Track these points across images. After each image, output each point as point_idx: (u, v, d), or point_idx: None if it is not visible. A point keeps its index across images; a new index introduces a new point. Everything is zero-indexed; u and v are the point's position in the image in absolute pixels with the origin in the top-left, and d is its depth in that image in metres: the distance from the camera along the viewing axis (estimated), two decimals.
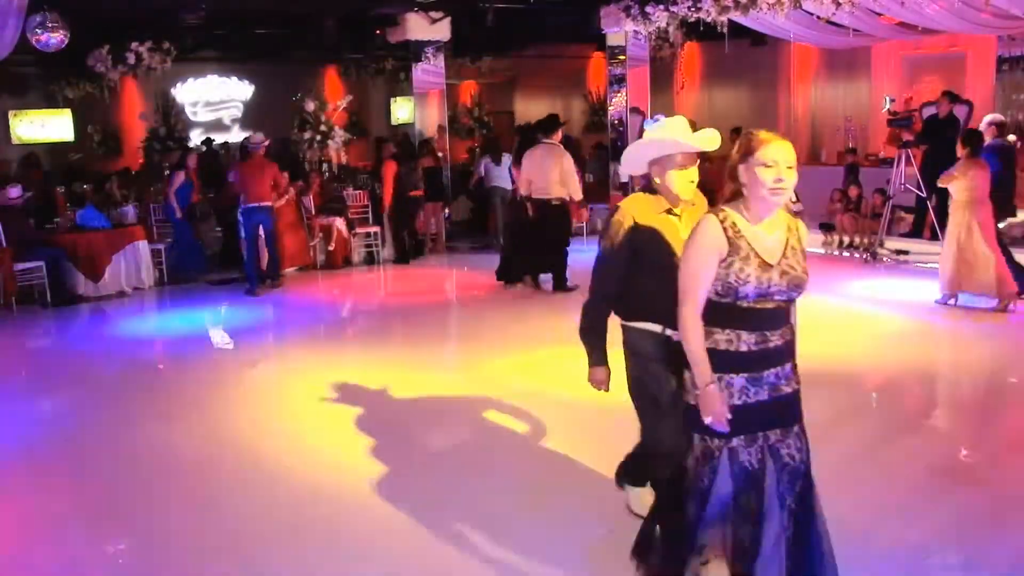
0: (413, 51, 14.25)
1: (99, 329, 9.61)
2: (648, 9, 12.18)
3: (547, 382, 6.91)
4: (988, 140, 9.15)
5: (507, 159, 13.74)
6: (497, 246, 13.41)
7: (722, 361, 3.06)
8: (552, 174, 9.60)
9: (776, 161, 2.98)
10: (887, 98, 12.86)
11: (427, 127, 14.64)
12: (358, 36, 15.34)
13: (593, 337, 3.96)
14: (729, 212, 3.09)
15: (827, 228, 12.06)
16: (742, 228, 3.06)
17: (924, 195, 10.87)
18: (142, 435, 6.02)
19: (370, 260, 12.63)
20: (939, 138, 11.14)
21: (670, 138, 3.68)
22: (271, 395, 6.93)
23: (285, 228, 11.68)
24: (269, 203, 10.88)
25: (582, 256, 10.65)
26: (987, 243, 8.34)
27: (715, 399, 3.05)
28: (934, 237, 10.79)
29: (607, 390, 3.97)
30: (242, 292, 10.77)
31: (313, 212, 12.11)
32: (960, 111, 11.79)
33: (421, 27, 13.91)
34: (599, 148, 15.86)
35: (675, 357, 3.37)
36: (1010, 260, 8.62)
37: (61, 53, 10.67)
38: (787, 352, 3.20)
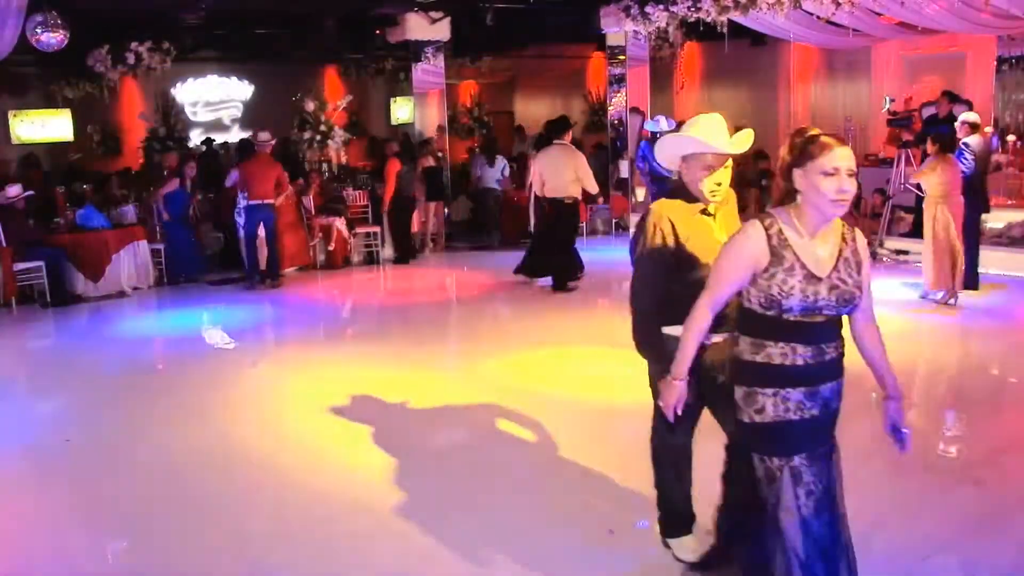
0: (413, 51, 14.25)
1: (99, 329, 9.60)
2: (648, 9, 12.18)
3: (548, 382, 6.92)
4: (962, 138, 9.34)
5: (501, 161, 13.82)
6: (496, 245, 13.46)
7: (778, 375, 2.92)
8: (566, 173, 9.81)
9: (838, 169, 2.78)
10: (887, 98, 12.87)
11: (427, 127, 14.64)
12: (358, 36, 15.34)
13: (652, 344, 3.70)
14: (777, 218, 2.91)
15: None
16: (790, 237, 2.88)
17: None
18: (142, 435, 6.02)
19: (370, 260, 12.63)
20: None
21: (700, 137, 3.53)
22: (271, 395, 6.92)
23: (285, 228, 11.70)
24: (272, 201, 10.99)
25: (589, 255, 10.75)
26: (956, 237, 8.55)
27: (677, 394, 3.17)
28: None
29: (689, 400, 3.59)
30: (242, 292, 10.77)
31: (313, 212, 12.11)
32: (960, 111, 11.78)
33: (421, 27, 13.91)
34: (599, 148, 15.85)
35: (705, 369, 3.31)
36: (974, 257, 8.88)
37: (61, 53, 10.66)
38: (840, 366, 3.07)
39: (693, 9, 11.33)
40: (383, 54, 16.65)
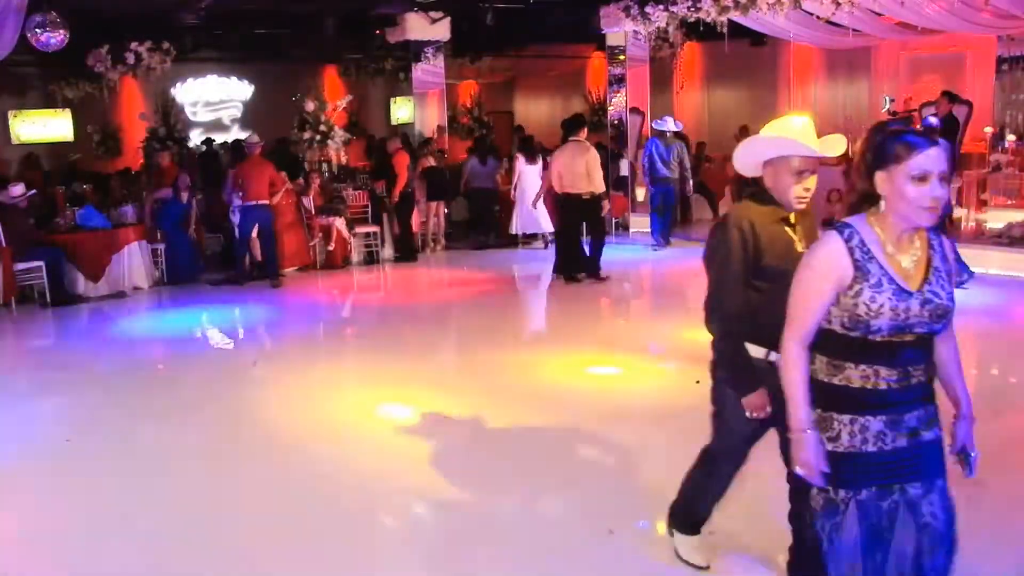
0: (413, 51, 14.26)
1: (99, 329, 9.60)
2: (648, 9, 12.19)
3: (548, 381, 6.92)
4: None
5: (492, 161, 13.90)
6: (492, 243, 13.49)
7: (857, 401, 2.64)
8: (580, 170, 10.13)
9: (928, 173, 2.49)
10: (886, 98, 12.87)
11: (427, 127, 14.64)
12: (358, 36, 15.34)
13: (733, 361, 3.45)
14: (856, 228, 2.61)
15: (827, 227, 12.04)
16: (873, 248, 2.58)
17: None
18: (142, 435, 6.02)
19: (370, 260, 12.63)
20: None
21: (788, 138, 3.25)
22: (271, 395, 6.92)
23: (285, 228, 11.71)
24: (267, 201, 11.11)
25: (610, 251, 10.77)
26: None
27: (810, 447, 2.66)
28: None
29: (768, 414, 3.39)
30: (240, 292, 10.79)
31: (313, 212, 12.11)
32: (960, 111, 11.80)
33: (421, 27, 13.91)
34: (598, 148, 15.83)
35: (777, 391, 2.99)
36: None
37: (61, 53, 10.67)
38: (930, 391, 2.75)
39: (693, 9, 11.34)
40: (383, 54, 16.66)
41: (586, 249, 10.71)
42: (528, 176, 12.87)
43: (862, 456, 2.65)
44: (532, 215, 12.74)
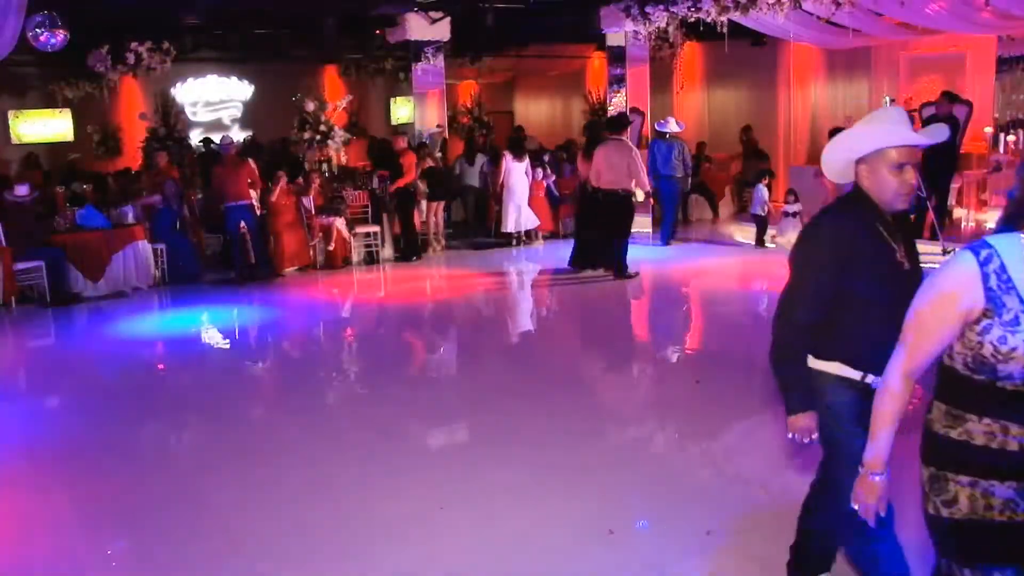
0: (413, 51, 14.25)
1: (99, 329, 9.60)
2: (648, 9, 12.19)
3: (547, 380, 6.92)
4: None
5: (481, 159, 14.38)
6: (492, 243, 13.50)
7: (979, 462, 2.20)
8: (621, 167, 10.35)
9: None
10: (886, 98, 12.87)
11: (427, 127, 14.65)
12: (358, 36, 15.34)
13: (787, 373, 3.12)
14: (1000, 248, 2.15)
15: None
16: (1016, 276, 2.11)
17: (924, 195, 10.87)
18: (142, 435, 6.02)
19: (370, 260, 12.63)
20: None
21: (887, 128, 2.95)
22: (271, 394, 6.92)
23: (284, 228, 11.73)
24: (247, 201, 11.37)
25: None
26: None
27: (877, 491, 2.44)
28: (933, 237, 10.79)
29: (812, 440, 3.14)
30: (239, 292, 10.81)
31: (313, 212, 12.11)
32: (960, 111, 11.78)
33: (421, 27, 13.91)
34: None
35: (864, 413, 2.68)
36: None
37: (61, 53, 10.67)
38: None
39: (693, 9, 11.34)
40: (383, 54, 16.66)
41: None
42: (515, 174, 13.05)
43: (988, 527, 2.21)
44: (524, 212, 13.06)
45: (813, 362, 3.09)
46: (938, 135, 2.97)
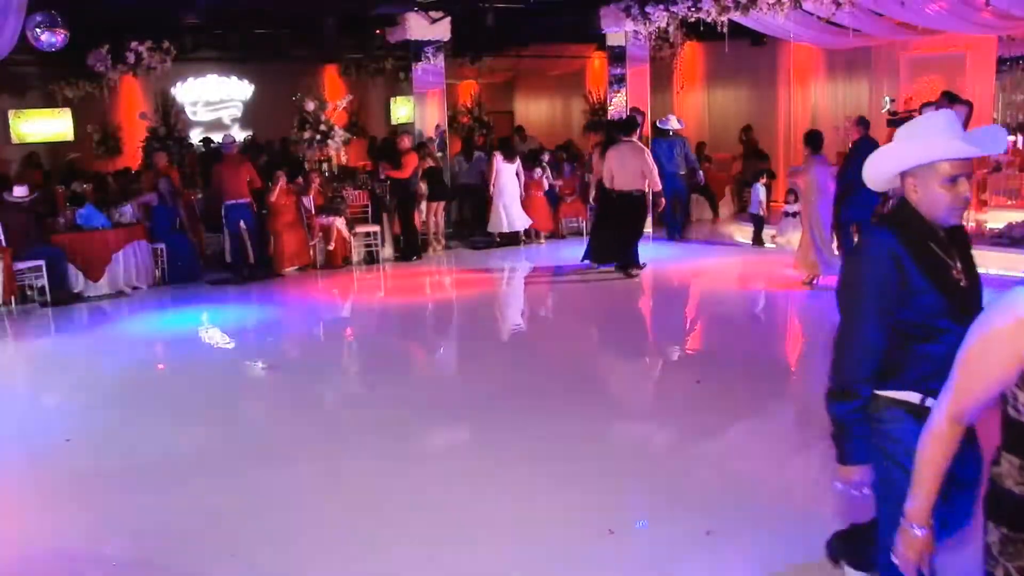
0: (413, 51, 14.24)
1: (99, 329, 9.61)
2: (648, 9, 12.19)
3: (549, 380, 6.92)
4: (855, 137, 10.45)
5: (478, 155, 14.60)
6: (487, 244, 13.52)
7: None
8: (635, 169, 10.61)
9: None
10: (887, 98, 12.86)
11: (427, 127, 14.65)
12: (358, 36, 15.33)
13: (842, 420, 2.83)
14: None
15: None
16: None
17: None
18: (142, 435, 6.02)
19: (370, 260, 12.64)
20: None
21: (937, 139, 2.69)
22: (271, 394, 6.92)
23: (285, 228, 11.74)
24: (247, 200, 11.54)
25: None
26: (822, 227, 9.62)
27: (916, 546, 2.21)
28: None
29: (864, 492, 2.90)
30: (239, 291, 10.81)
31: (313, 212, 12.11)
32: (960, 111, 11.76)
33: (421, 27, 13.91)
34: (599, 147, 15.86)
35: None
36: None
37: (61, 53, 10.66)
38: None
39: (693, 9, 11.34)
40: (383, 54, 16.65)
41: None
42: (505, 174, 13.13)
43: None
44: (514, 212, 13.19)
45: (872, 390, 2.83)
46: (991, 142, 2.74)
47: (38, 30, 10.00)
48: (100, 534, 4.54)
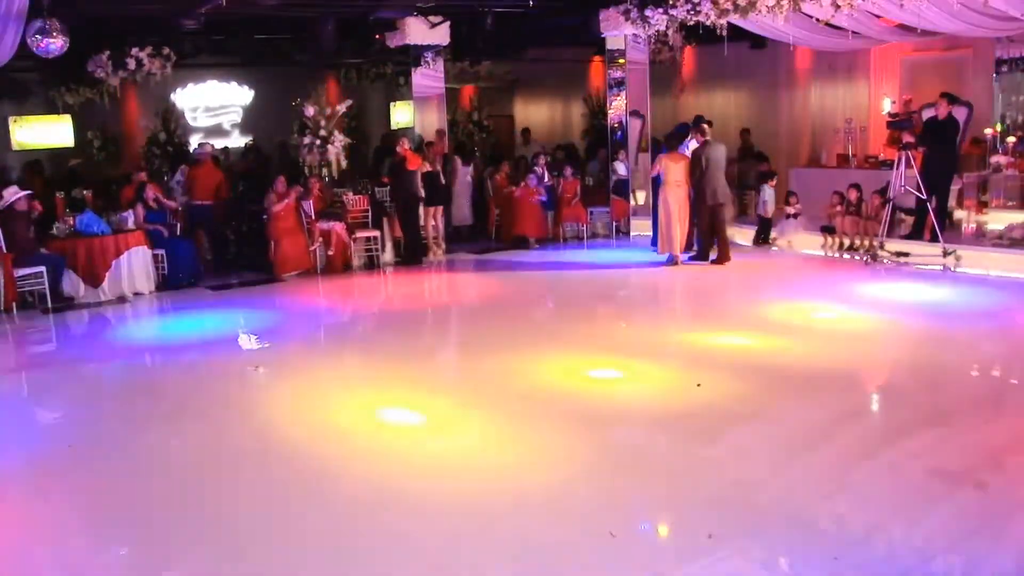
0: (412, 56, 14.25)
1: (100, 335, 9.60)
2: (647, 12, 12.18)
3: (548, 385, 6.91)
4: (696, 143, 11.73)
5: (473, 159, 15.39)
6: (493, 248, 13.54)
7: None
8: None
9: None
10: (889, 100, 12.88)
11: (427, 131, 14.67)
12: (358, 41, 15.34)
13: None
14: None
15: (828, 231, 12.10)
16: None
17: (924, 197, 10.88)
18: (144, 440, 6.02)
19: (370, 264, 12.64)
20: (939, 140, 11.15)
21: None
22: (272, 399, 6.92)
23: (285, 233, 11.75)
24: (211, 202, 12.78)
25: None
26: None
27: None
28: (934, 239, 10.79)
29: None
30: (242, 296, 10.85)
31: (313, 217, 12.12)
32: (960, 112, 11.78)
33: (420, 32, 13.90)
34: (599, 150, 15.89)
35: None
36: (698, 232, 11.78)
37: (61, 59, 10.66)
38: None
39: (692, 12, 11.33)
40: (383, 58, 16.65)
41: None
42: (462, 175, 14.69)
43: None
44: (464, 211, 14.84)
45: None
46: None
47: (38, 36, 10.01)
48: (103, 539, 4.54)
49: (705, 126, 11.91)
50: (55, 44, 10.12)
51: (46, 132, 16.78)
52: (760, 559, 4.01)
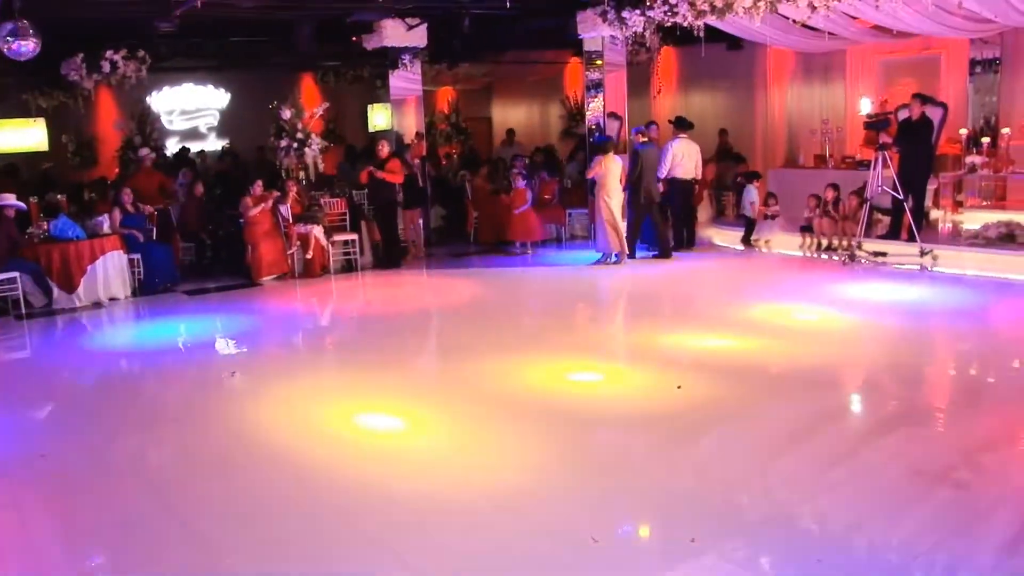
0: (390, 58, 14.20)
1: (74, 341, 9.51)
2: (624, 14, 12.20)
3: (530, 388, 6.90)
4: (637, 143, 12.47)
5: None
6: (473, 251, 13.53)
7: None
8: (694, 160, 12.82)
9: None
10: (868, 100, 12.97)
11: (404, 134, 14.62)
12: (335, 43, 15.28)
13: None
14: None
15: (806, 231, 12.16)
16: None
17: (901, 197, 10.95)
18: (118, 448, 5.95)
19: (348, 268, 12.59)
20: (913, 140, 11.23)
21: None
22: (248, 405, 6.86)
23: (262, 237, 11.69)
24: (151, 209, 12.28)
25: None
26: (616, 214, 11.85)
27: None
28: (911, 239, 10.86)
29: None
30: (217, 302, 10.78)
31: (290, 220, 12.05)
32: (935, 113, 11.86)
33: (398, 34, 13.86)
34: (577, 151, 15.91)
35: None
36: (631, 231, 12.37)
37: (34, 62, 10.55)
38: None
39: (669, 14, 11.36)
40: (360, 61, 16.59)
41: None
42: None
43: None
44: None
45: None
46: None
47: (10, 39, 9.89)
48: (77, 549, 4.47)
49: (645, 128, 12.96)
50: (27, 46, 10.01)
51: (19, 136, 16.58)
52: (742, 560, 4.00)
